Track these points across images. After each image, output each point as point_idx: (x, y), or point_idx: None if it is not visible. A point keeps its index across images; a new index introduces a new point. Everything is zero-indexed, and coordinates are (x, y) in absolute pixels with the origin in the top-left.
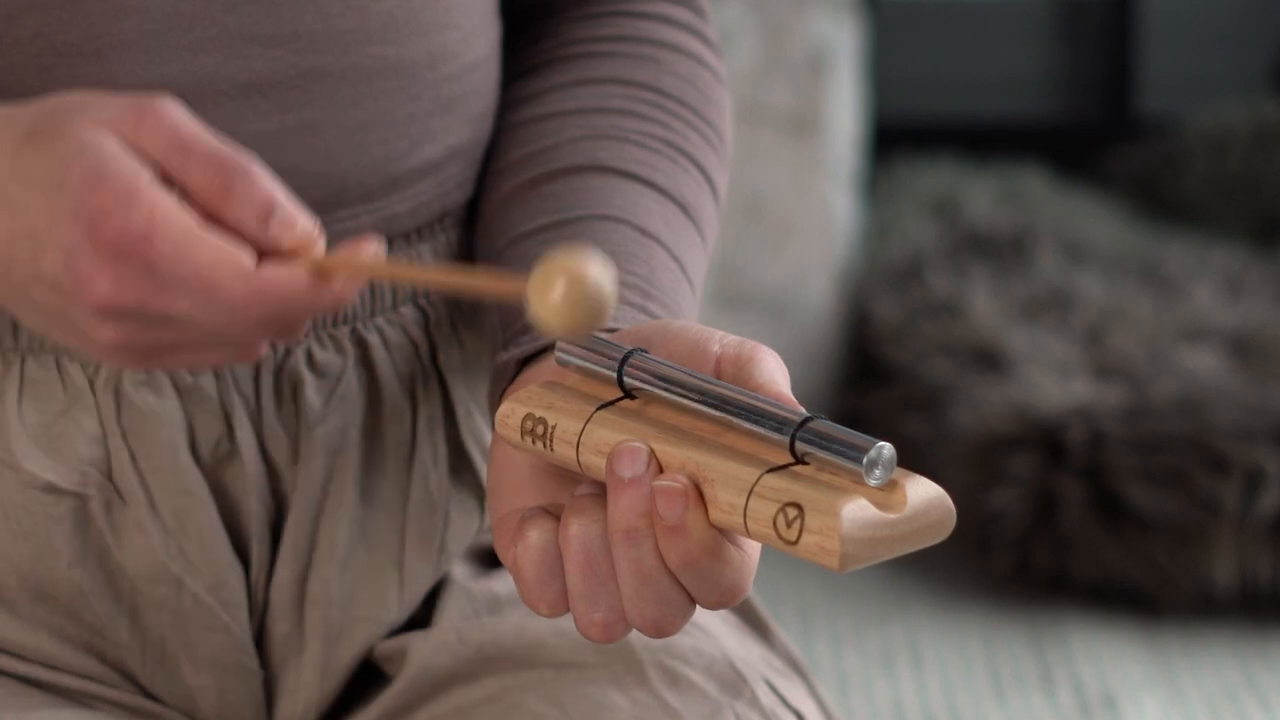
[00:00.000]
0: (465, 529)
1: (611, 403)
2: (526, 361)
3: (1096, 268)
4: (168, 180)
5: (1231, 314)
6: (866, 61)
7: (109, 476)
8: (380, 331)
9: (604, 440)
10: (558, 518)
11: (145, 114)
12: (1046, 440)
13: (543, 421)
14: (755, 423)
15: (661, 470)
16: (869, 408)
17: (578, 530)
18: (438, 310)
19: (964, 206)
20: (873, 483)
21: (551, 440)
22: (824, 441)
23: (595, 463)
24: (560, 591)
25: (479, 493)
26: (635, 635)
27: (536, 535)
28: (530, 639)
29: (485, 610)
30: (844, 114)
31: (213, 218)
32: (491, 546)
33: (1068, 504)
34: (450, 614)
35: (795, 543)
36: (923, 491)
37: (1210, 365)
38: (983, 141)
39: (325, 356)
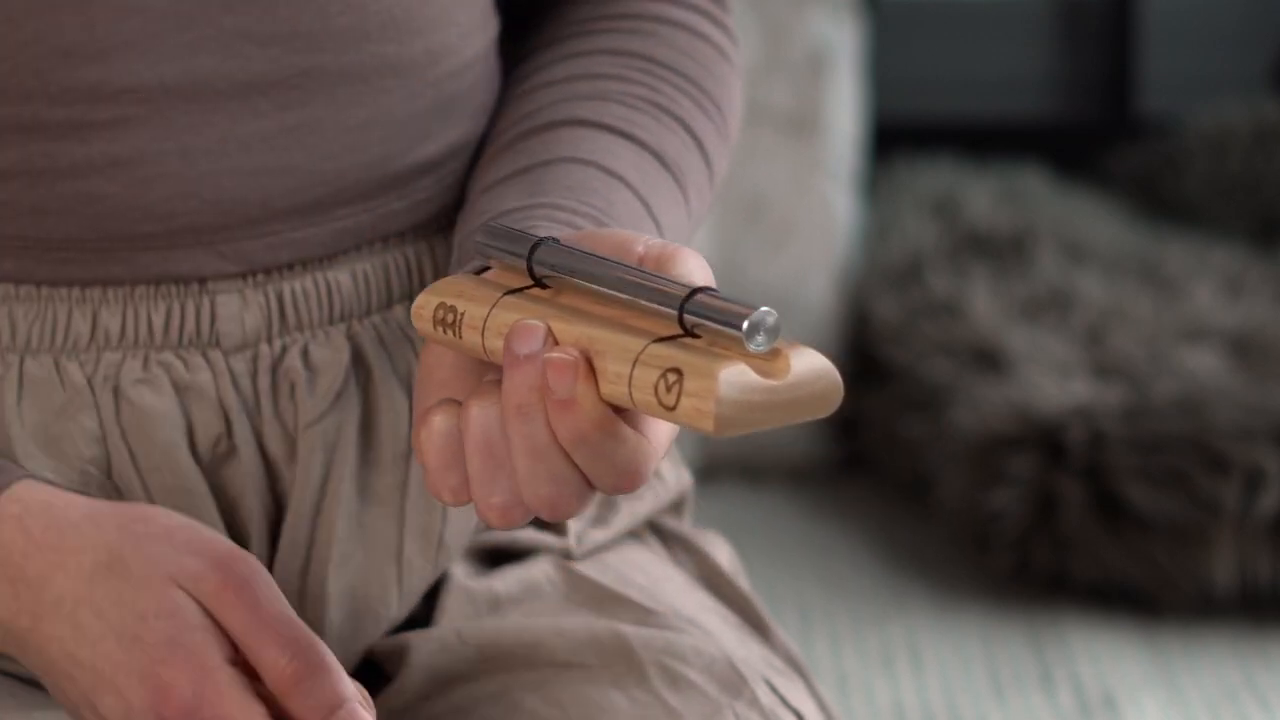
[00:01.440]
0: (464, 525)
1: (521, 290)
2: None
3: (1096, 268)
4: (241, 657)
5: (1231, 314)
6: (866, 61)
7: (109, 475)
8: (375, 329)
9: (506, 323)
10: (458, 407)
11: (228, 579)
12: (1046, 440)
13: (453, 310)
14: (646, 297)
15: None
16: (869, 408)
17: (477, 413)
18: None
19: (964, 206)
20: (754, 348)
21: (460, 327)
22: (709, 311)
23: (498, 346)
24: (462, 478)
25: None
26: (634, 634)
27: (440, 420)
28: (530, 639)
29: (485, 610)
30: (844, 114)
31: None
32: (492, 545)
33: (1068, 504)
34: (450, 613)
35: (674, 408)
36: (808, 362)
37: (1210, 365)
38: (983, 141)
39: (321, 354)
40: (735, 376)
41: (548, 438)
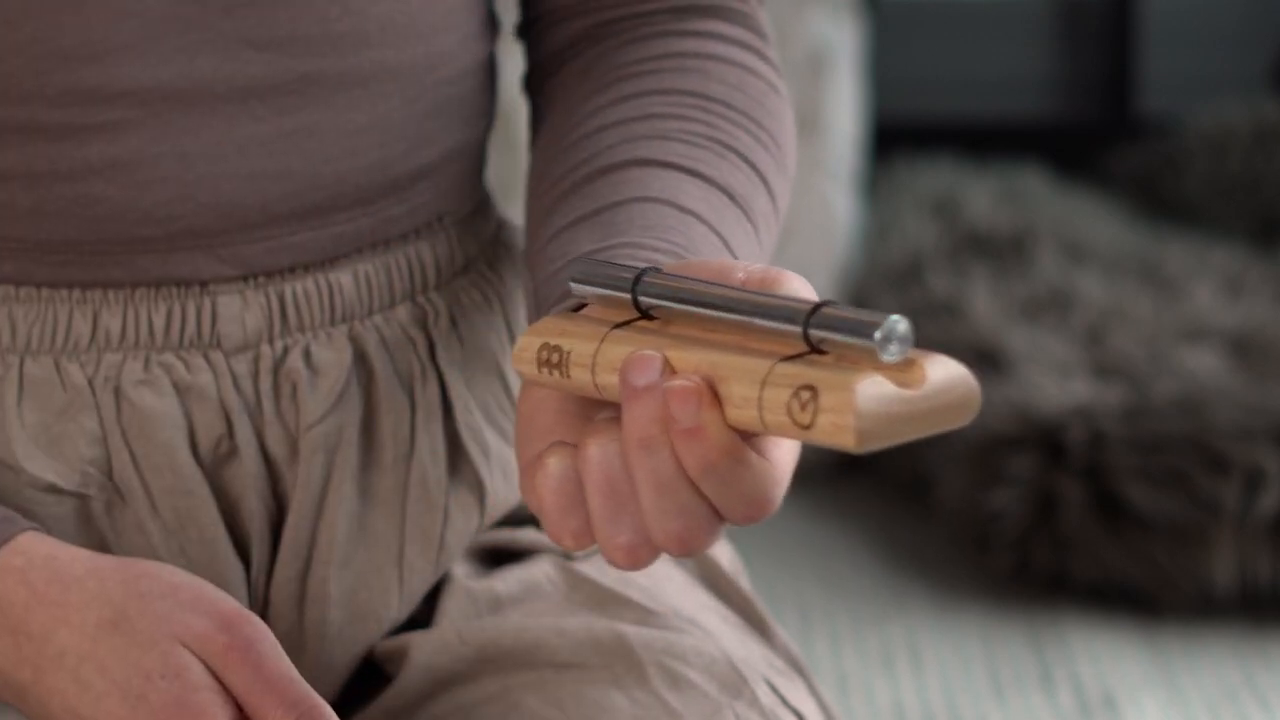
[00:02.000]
0: (465, 526)
1: (627, 323)
2: None
3: (1096, 268)
4: (244, 718)
5: (1231, 314)
6: (866, 61)
7: (109, 476)
8: (378, 329)
9: (618, 357)
10: (573, 449)
11: (234, 640)
12: (1046, 440)
13: (557, 349)
14: (767, 317)
15: (676, 377)
16: None
17: (595, 451)
18: (435, 307)
19: (964, 206)
20: (888, 358)
21: (567, 366)
22: (836, 323)
23: (611, 382)
24: (583, 521)
25: (478, 489)
26: (634, 634)
27: (555, 463)
28: (531, 639)
29: (486, 610)
30: (844, 114)
31: None
32: (492, 546)
33: (1068, 504)
34: (451, 614)
35: (810, 426)
36: (944, 370)
37: (1210, 365)
38: (983, 141)
39: (323, 355)
40: (873, 388)
41: (674, 469)
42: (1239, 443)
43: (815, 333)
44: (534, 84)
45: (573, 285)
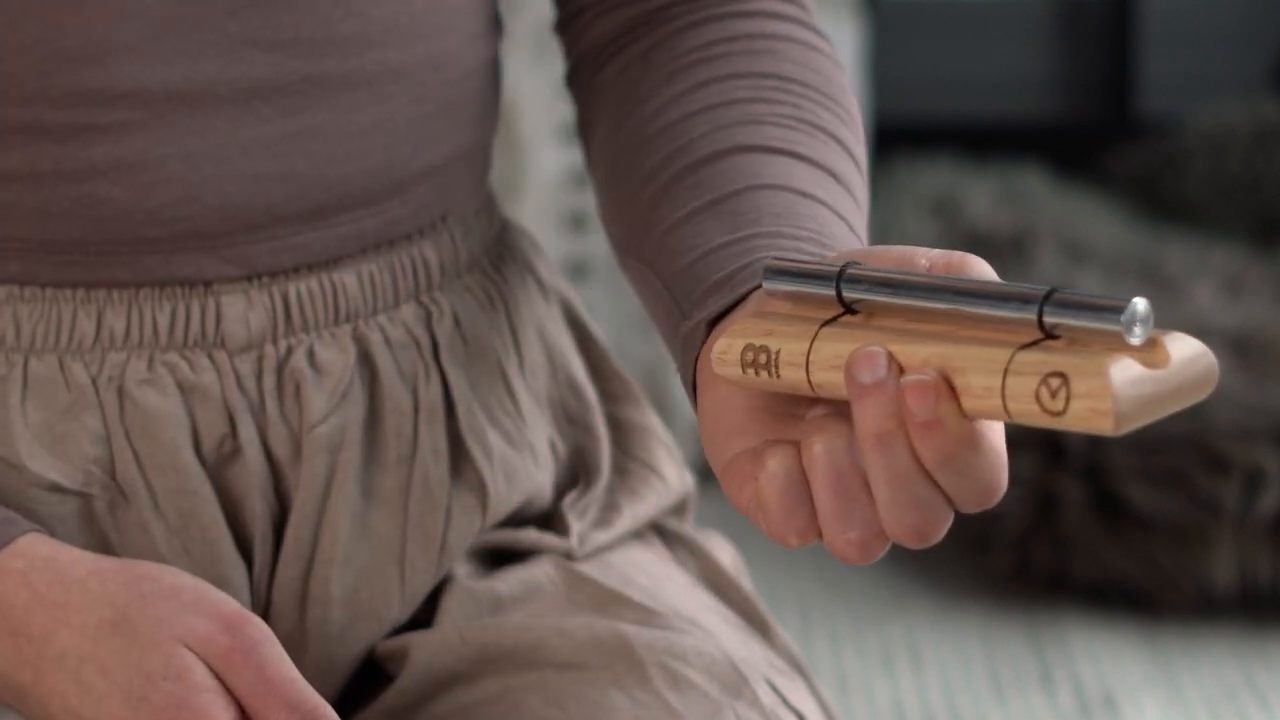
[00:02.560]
0: (467, 527)
1: (833, 319)
2: (713, 324)
3: (1096, 268)
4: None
5: (1231, 314)
6: (866, 61)
7: (112, 476)
8: (382, 329)
9: (835, 354)
10: (795, 447)
11: (237, 641)
12: (1046, 440)
13: (765, 350)
14: (996, 305)
15: (903, 371)
16: None
17: (822, 448)
18: (440, 307)
19: (964, 206)
20: (1134, 341)
21: (777, 366)
22: (1075, 309)
23: (829, 379)
24: (808, 518)
25: (480, 490)
26: (635, 635)
27: (777, 463)
28: (532, 639)
29: (487, 610)
30: None
31: None
32: (494, 546)
33: (1068, 504)
34: (452, 614)
35: (1062, 412)
36: (1185, 346)
37: None
38: (983, 141)
39: (327, 354)
40: (1125, 371)
41: (910, 463)
42: (1239, 443)
43: (1050, 318)
44: (582, 78)
45: (767, 284)
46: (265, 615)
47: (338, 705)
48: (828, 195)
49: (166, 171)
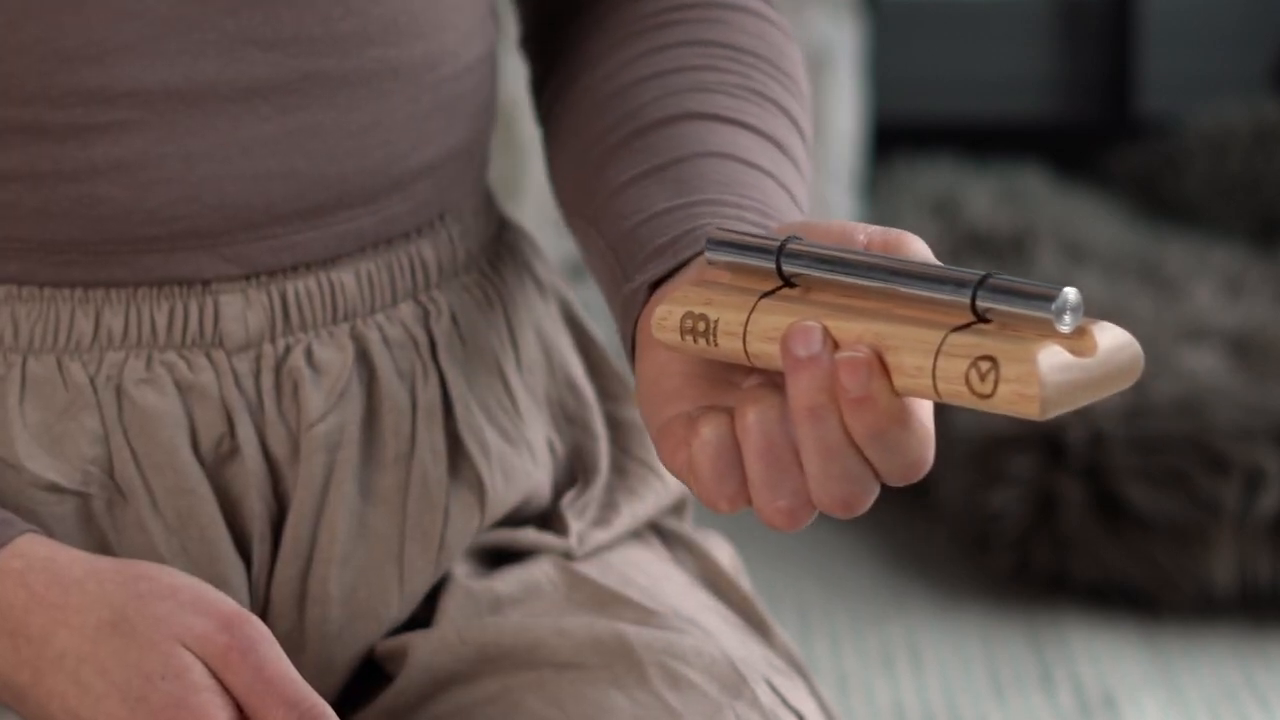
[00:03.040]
0: (465, 526)
1: (772, 291)
2: (655, 288)
3: (1096, 268)
4: (244, 719)
5: (1231, 314)
6: (866, 61)
7: (111, 475)
8: (380, 328)
9: (772, 326)
10: (729, 415)
11: (235, 640)
12: (1046, 440)
13: (703, 318)
14: (932, 286)
15: (838, 347)
16: None
17: (755, 418)
18: (438, 306)
19: (964, 206)
20: (1064, 329)
21: (715, 335)
22: (1008, 294)
23: (765, 350)
24: (739, 484)
25: (478, 489)
26: (634, 634)
27: (710, 430)
28: (531, 639)
29: (486, 610)
30: (844, 114)
31: None
32: (493, 546)
33: (1068, 504)
34: (451, 613)
35: (990, 395)
36: (1112, 336)
37: (1210, 365)
38: (983, 141)
39: (325, 354)
40: (1053, 358)
41: (841, 437)
42: (1239, 443)
43: (984, 303)
44: (535, 40)
45: (709, 254)
46: (264, 615)
47: (337, 705)
48: (773, 165)
49: (166, 171)
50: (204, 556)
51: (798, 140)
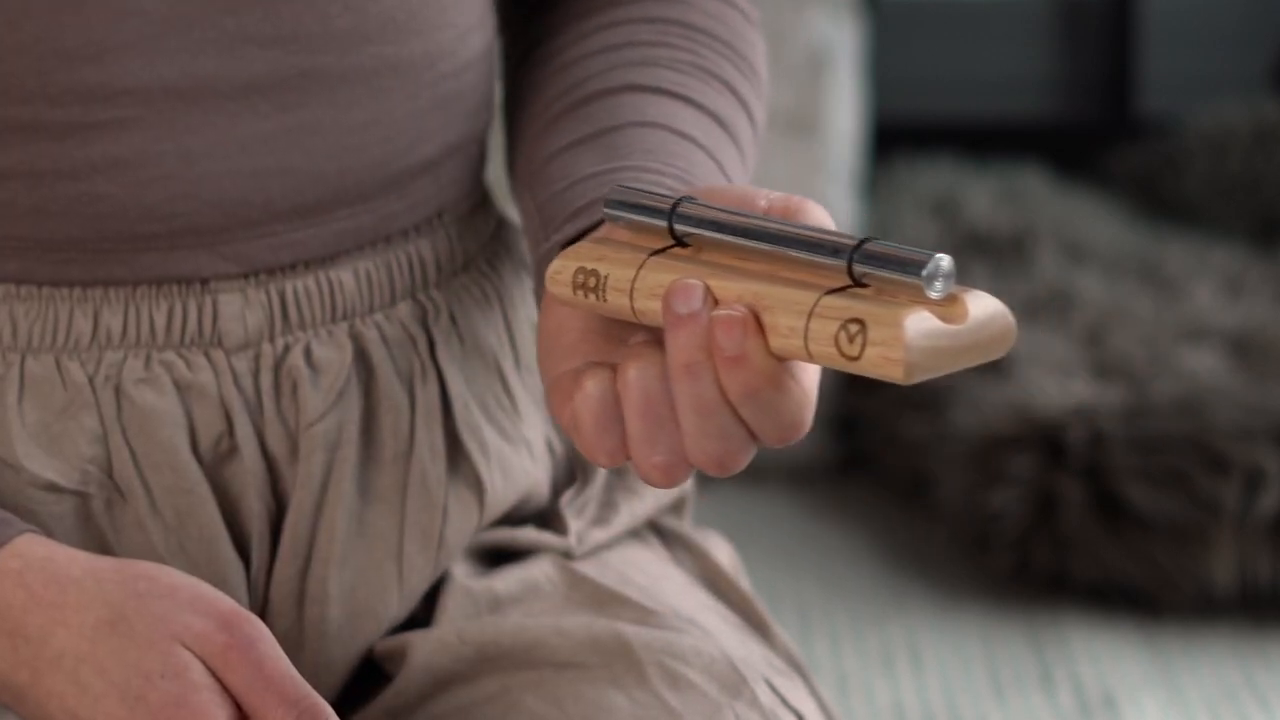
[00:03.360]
0: (464, 524)
1: (663, 250)
2: (566, 248)
3: (1096, 268)
4: (244, 717)
5: (1231, 314)
6: (866, 61)
7: (110, 475)
8: (378, 327)
9: (658, 283)
10: (613, 370)
11: (234, 639)
12: (1046, 440)
13: (594, 273)
14: (810, 251)
15: (718, 306)
16: (869, 408)
17: (635, 374)
18: (436, 305)
19: (964, 206)
20: (933, 295)
21: (604, 291)
22: (882, 260)
23: (650, 307)
24: (619, 440)
25: (477, 487)
26: (634, 634)
27: (593, 384)
28: (530, 639)
29: (486, 609)
30: (844, 114)
31: None
32: (492, 545)
33: (1068, 504)
34: (450, 613)
35: (858, 358)
36: (984, 304)
37: (1210, 365)
38: (983, 141)
39: (323, 353)
40: (920, 323)
41: (716, 395)
42: (1239, 443)
43: (859, 267)
44: (504, 11)
45: (605, 211)
46: (263, 614)
47: (336, 705)
48: (706, 138)
49: (164, 168)
50: (203, 556)
51: (744, 121)
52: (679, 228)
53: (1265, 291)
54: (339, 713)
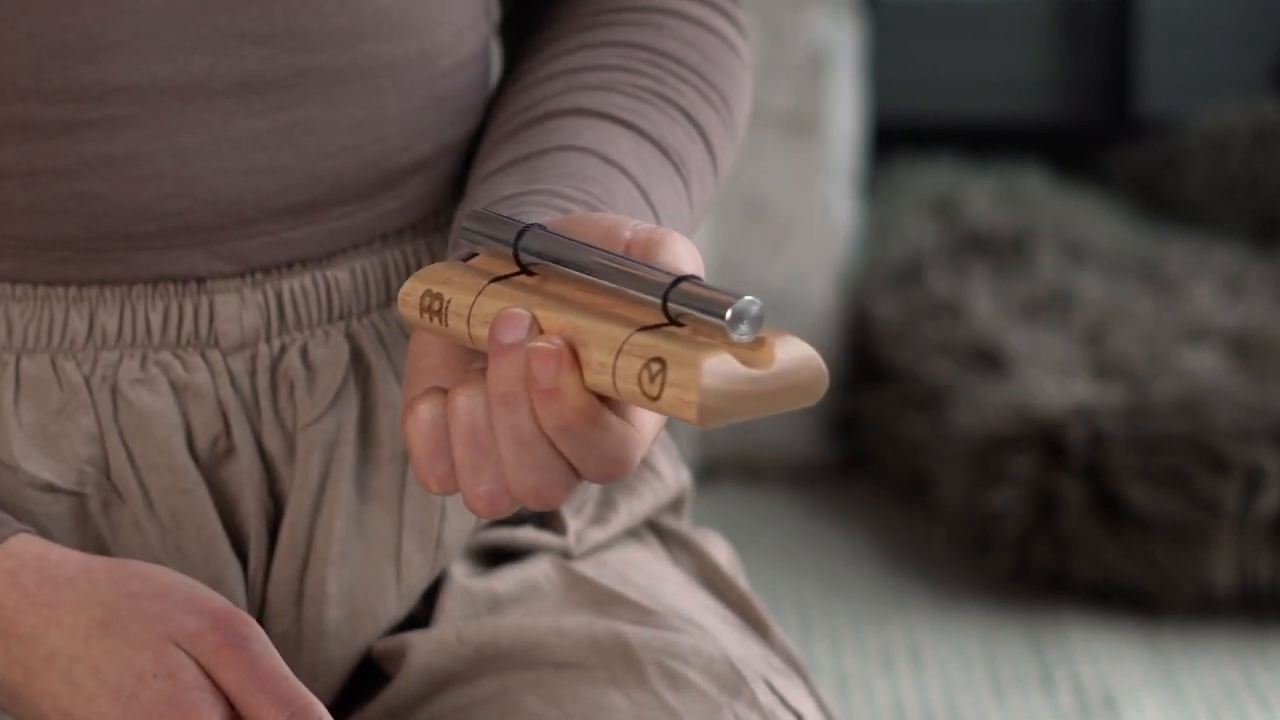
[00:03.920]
0: (462, 524)
1: (506, 276)
2: None
3: (1096, 268)
4: (237, 716)
5: (1231, 314)
6: (866, 61)
7: (107, 475)
8: (375, 327)
9: (492, 311)
10: (444, 396)
11: (227, 638)
12: (1046, 440)
13: (439, 297)
14: (632, 285)
15: (542, 336)
16: (869, 408)
17: (463, 402)
18: None
19: (964, 206)
20: (738, 338)
21: (446, 315)
22: (691, 300)
23: (485, 334)
24: (449, 467)
25: None
26: (633, 634)
27: (426, 409)
28: (529, 639)
29: (485, 609)
30: (844, 114)
31: None
32: (491, 545)
33: (1068, 504)
34: (449, 613)
35: (657, 398)
36: (793, 350)
37: (1210, 365)
38: (983, 141)
39: (320, 353)
40: (718, 366)
41: (533, 427)
42: (1239, 443)
43: (674, 306)
44: (505, 31)
45: (463, 231)
46: (261, 614)
47: (335, 705)
48: (639, 167)
49: (158, 166)
50: (200, 556)
51: (698, 150)
52: (523, 256)
53: (1265, 291)
54: (338, 713)
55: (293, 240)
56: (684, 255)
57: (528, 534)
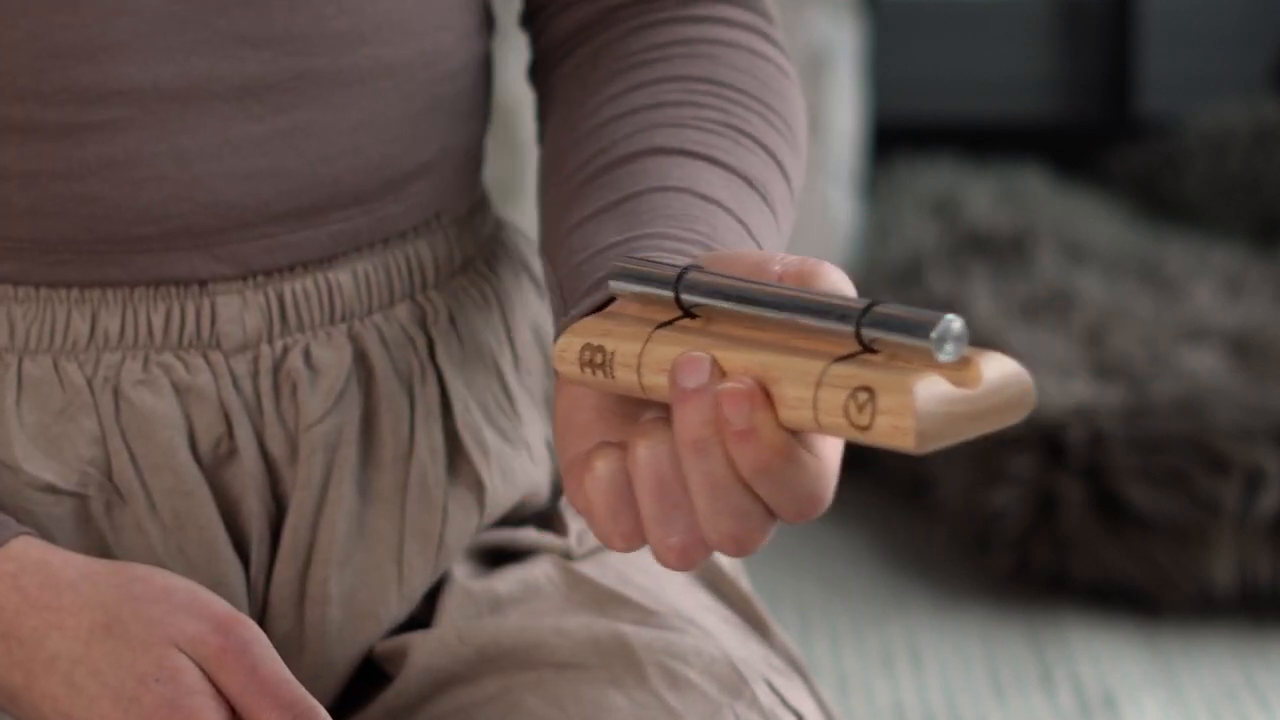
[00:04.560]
0: (464, 525)
1: (670, 322)
2: None
3: (1096, 268)
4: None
5: (1231, 314)
6: (866, 61)
7: (109, 476)
8: (377, 328)
9: (665, 357)
10: (624, 450)
11: (228, 642)
12: (1046, 440)
13: (600, 349)
14: (818, 316)
15: (726, 377)
16: None
17: (645, 452)
18: (434, 306)
19: (964, 206)
20: (944, 358)
21: (611, 367)
22: (890, 323)
23: (658, 383)
24: (633, 522)
25: (477, 488)
26: (634, 634)
27: (603, 465)
28: (530, 639)
29: (486, 610)
30: (844, 114)
31: None
32: (492, 546)
33: (1068, 504)
34: (451, 614)
35: (868, 427)
36: (999, 367)
37: (1210, 365)
38: (983, 141)
39: (323, 354)
40: (931, 389)
41: (727, 471)
42: (1239, 443)
43: (868, 332)
44: (540, 74)
45: (611, 283)
46: (263, 616)
47: (336, 706)
48: (733, 200)
49: (158, 169)
50: (202, 558)
51: (777, 178)
52: (685, 298)
53: (1265, 291)
54: (339, 714)
55: (293, 243)
56: (841, 283)
57: (529, 535)
